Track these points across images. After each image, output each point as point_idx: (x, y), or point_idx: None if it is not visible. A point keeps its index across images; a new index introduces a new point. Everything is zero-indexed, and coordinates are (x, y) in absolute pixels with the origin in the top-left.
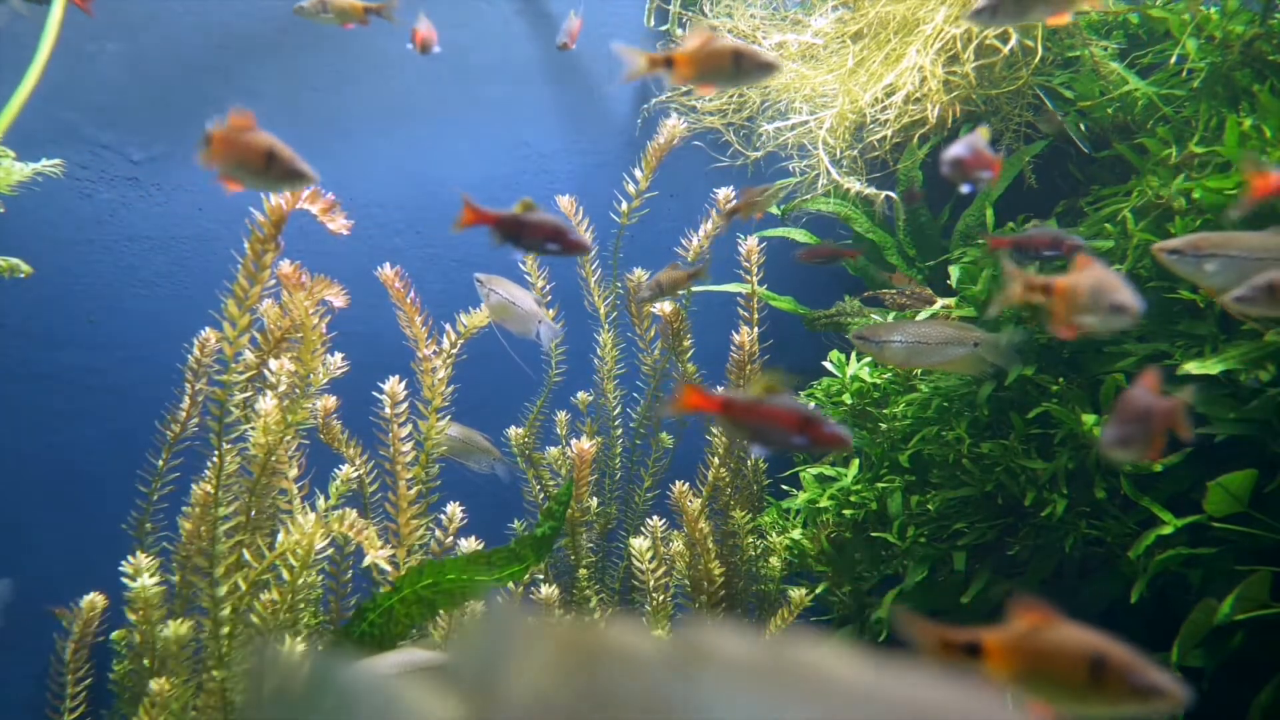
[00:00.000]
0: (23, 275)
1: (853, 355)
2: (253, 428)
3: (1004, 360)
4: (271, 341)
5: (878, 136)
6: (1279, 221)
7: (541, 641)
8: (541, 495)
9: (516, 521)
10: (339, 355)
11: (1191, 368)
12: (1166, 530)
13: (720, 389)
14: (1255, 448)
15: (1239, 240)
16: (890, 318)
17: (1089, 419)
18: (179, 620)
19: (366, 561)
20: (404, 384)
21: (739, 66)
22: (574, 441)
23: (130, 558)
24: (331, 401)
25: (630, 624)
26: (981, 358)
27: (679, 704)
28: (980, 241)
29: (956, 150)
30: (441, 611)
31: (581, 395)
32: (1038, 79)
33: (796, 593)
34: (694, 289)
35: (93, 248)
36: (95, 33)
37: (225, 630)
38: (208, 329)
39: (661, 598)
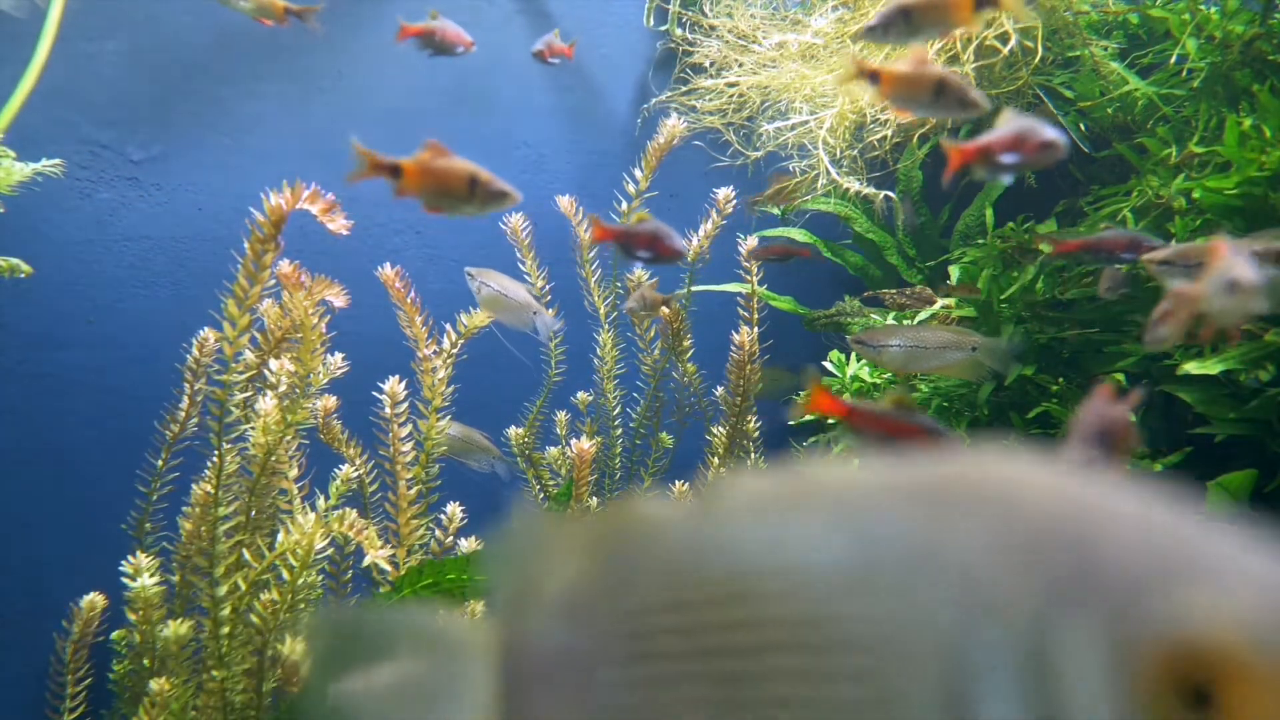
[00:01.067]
0: (23, 275)
1: (852, 355)
2: (252, 428)
3: (1002, 364)
4: (272, 341)
5: (878, 136)
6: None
7: (565, 537)
8: (541, 495)
9: None
10: (339, 355)
11: (1191, 368)
12: None
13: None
14: (1255, 448)
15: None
16: (890, 318)
17: None
18: (179, 620)
19: (366, 561)
20: (404, 384)
21: (938, 95)
22: (574, 441)
23: (130, 558)
24: (331, 401)
25: (653, 497)
26: (980, 362)
27: (703, 550)
28: (981, 241)
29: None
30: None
31: (581, 395)
32: (1038, 79)
33: None
34: (693, 289)
35: (93, 248)
36: (95, 32)
37: (225, 630)
38: (206, 329)
39: None
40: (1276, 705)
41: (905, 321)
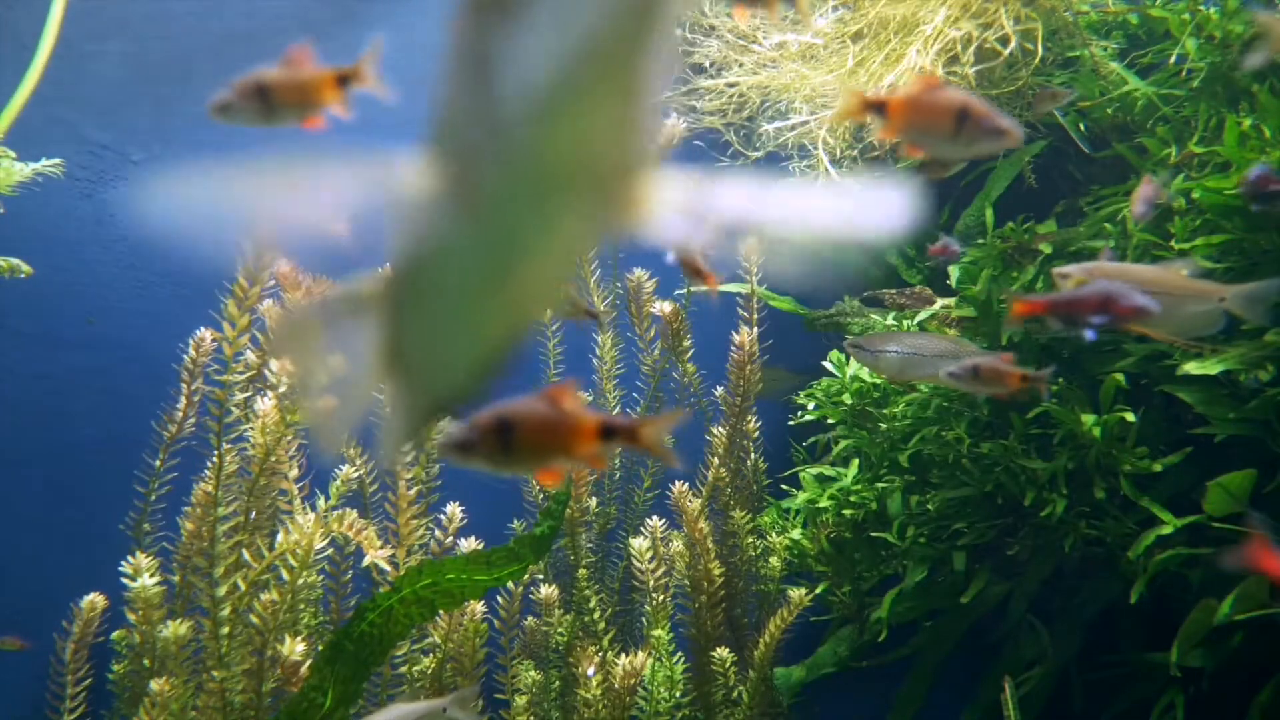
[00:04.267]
0: (23, 275)
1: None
2: (251, 428)
3: None
4: None
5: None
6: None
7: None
8: (541, 495)
9: (516, 521)
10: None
11: (1191, 368)
12: (1166, 530)
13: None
14: (1255, 448)
15: (1133, 272)
16: (890, 318)
17: (1089, 419)
18: (179, 620)
19: (366, 561)
20: None
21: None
22: None
23: (130, 558)
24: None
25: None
26: None
27: None
28: (981, 241)
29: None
30: (441, 611)
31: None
32: (1038, 79)
33: (796, 593)
34: (692, 289)
35: (93, 248)
36: (95, 33)
37: (225, 630)
38: (204, 328)
39: (661, 598)
40: None
41: (905, 323)
